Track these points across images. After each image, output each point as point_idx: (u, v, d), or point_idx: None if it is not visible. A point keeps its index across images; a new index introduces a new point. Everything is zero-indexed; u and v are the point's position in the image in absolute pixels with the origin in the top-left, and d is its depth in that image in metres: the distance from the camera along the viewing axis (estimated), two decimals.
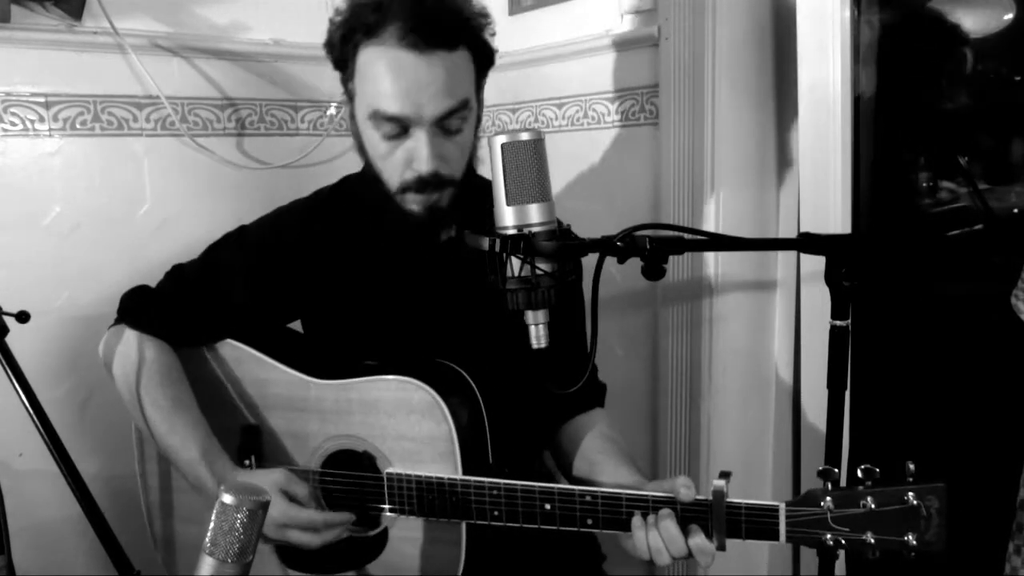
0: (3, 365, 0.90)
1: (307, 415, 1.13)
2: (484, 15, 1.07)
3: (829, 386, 0.93)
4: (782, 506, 0.89)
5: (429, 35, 0.98)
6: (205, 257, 1.20)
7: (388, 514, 1.08)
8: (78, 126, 1.44)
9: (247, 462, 1.12)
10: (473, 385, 1.09)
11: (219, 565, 0.73)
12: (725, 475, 0.92)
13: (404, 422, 1.06)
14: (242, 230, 1.22)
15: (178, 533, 1.23)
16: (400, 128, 1.03)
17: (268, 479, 1.05)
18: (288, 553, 1.13)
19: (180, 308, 1.16)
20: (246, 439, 1.15)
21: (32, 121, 1.40)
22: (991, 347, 1.39)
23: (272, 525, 1.03)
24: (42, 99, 1.40)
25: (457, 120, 1.05)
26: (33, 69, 1.39)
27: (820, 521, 0.87)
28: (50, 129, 1.41)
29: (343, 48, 1.06)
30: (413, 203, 1.08)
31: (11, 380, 0.90)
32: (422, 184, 1.05)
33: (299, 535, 1.04)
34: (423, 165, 1.03)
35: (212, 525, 0.74)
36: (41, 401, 0.91)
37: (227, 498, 0.74)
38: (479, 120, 1.14)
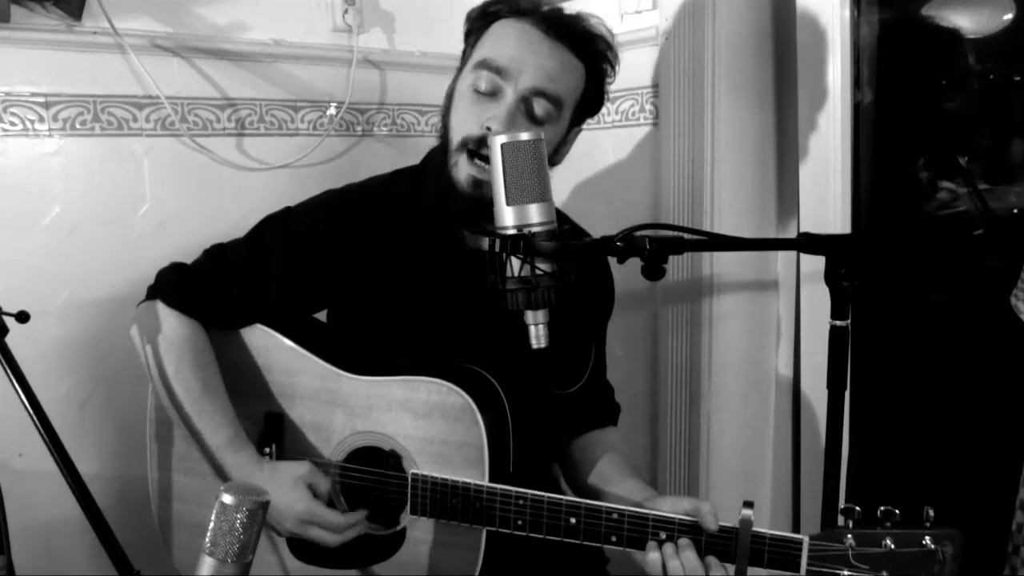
0: (3, 365, 0.90)
1: (334, 408, 1.12)
2: (611, 60, 1.14)
3: (829, 386, 0.93)
4: (806, 539, 0.91)
5: (562, 28, 1.08)
6: (250, 236, 1.19)
7: (409, 515, 1.07)
8: (78, 126, 1.43)
9: (267, 450, 1.12)
10: (502, 394, 1.09)
11: (219, 565, 0.73)
12: (749, 504, 0.93)
13: (436, 425, 1.06)
14: (288, 211, 1.21)
15: (179, 512, 1.21)
16: (493, 87, 1.06)
17: (295, 472, 1.07)
18: (300, 545, 1.13)
19: (218, 288, 1.15)
20: (268, 427, 1.15)
21: (32, 121, 1.40)
22: (990, 347, 1.39)
23: (296, 519, 1.04)
24: (42, 99, 1.40)
25: (544, 108, 1.07)
26: (33, 69, 1.39)
27: (841, 557, 0.90)
28: (50, 129, 1.41)
29: (482, 17, 1.12)
30: (465, 169, 1.08)
31: (11, 380, 0.90)
32: (483, 145, 1.05)
33: (320, 532, 1.05)
34: (495, 123, 1.04)
35: (212, 525, 0.74)
36: (41, 401, 0.91)
37: (227, 498, 0.74)
38: (558, 150, 1.16)
